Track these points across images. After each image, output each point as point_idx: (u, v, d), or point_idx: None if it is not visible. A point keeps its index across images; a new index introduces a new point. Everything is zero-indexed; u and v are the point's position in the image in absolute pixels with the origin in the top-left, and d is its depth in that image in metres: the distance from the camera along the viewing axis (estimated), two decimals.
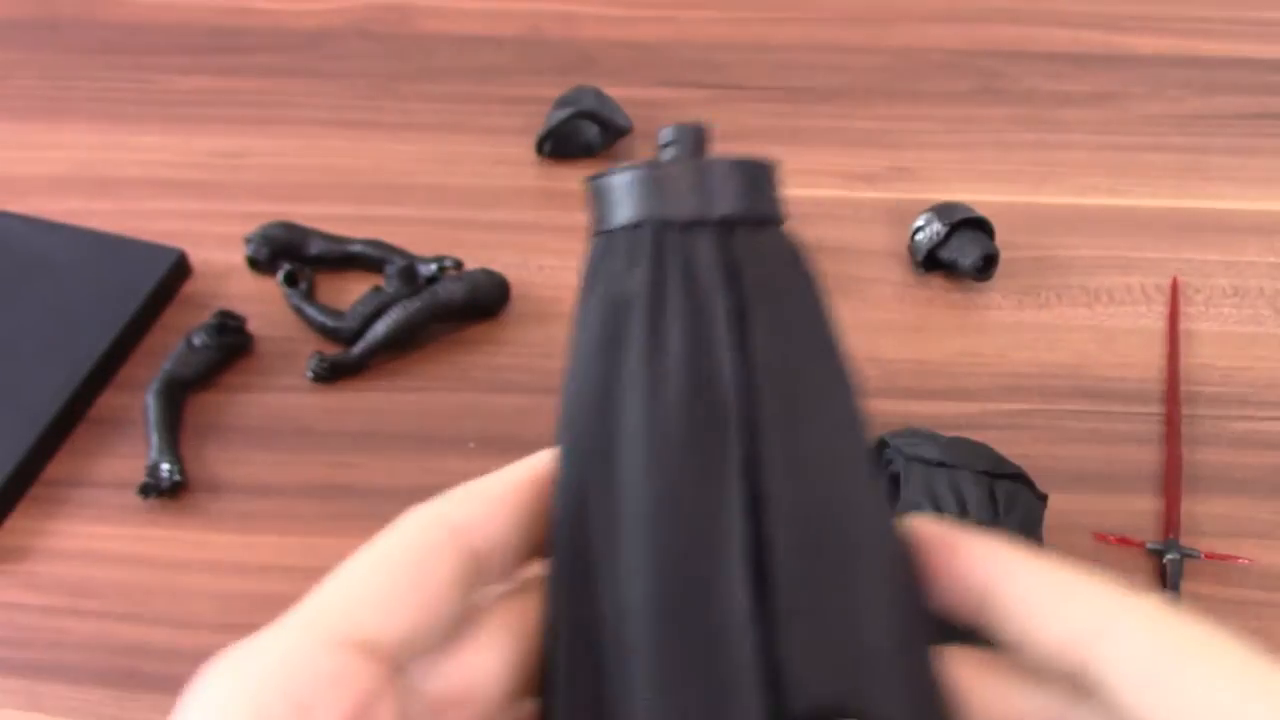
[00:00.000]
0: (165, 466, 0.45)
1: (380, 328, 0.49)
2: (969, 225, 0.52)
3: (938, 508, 0.37)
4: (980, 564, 0.21)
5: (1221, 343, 0.51)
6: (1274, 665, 0.20)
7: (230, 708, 0.19)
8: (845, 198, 0.58)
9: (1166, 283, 0.53)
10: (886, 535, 0.20)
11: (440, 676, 0.21)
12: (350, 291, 0.52)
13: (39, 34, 0.69)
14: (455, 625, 0.21)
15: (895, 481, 0.40)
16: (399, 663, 0.20)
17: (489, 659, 0.21)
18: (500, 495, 0.22)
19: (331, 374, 0.49)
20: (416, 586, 0.20)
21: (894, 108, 0.63)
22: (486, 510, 0.22)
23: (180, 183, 0.59)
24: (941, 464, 0.39)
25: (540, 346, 0.51)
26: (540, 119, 0.60)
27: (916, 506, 0.38)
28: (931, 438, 0.40)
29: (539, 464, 0.22)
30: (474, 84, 0.65)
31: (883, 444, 0.41)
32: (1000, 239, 0.53)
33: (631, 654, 0.19)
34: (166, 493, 0.44)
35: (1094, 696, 0.20)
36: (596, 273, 0.23)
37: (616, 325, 0.21)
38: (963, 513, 0.37)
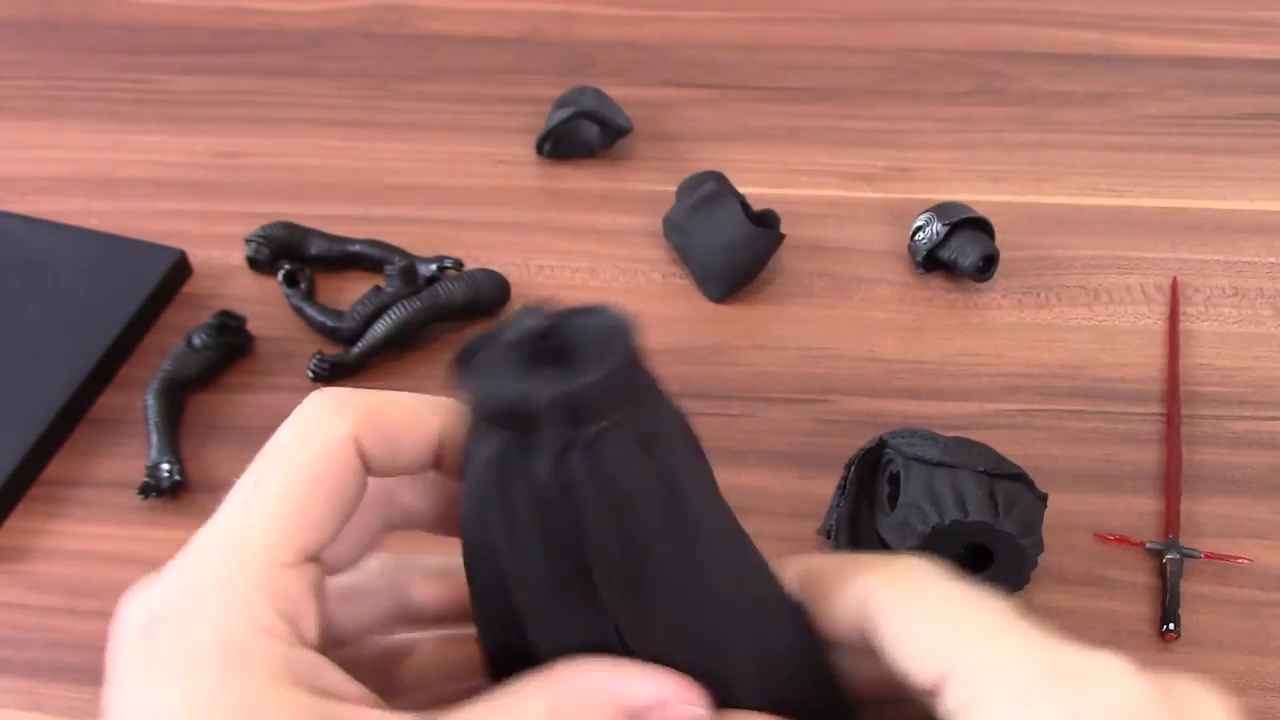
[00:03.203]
0: (165, 466, 0.45)
1: (380, 328, 0.49)
2: (969, 225, 0.52)
3: (938, 507, 0.37)
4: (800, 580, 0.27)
5: (1221, 343, 0.51)
6: (980, 609, 0.25)
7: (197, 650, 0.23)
8: (845, 198, 0.58)
9: (1166, 283, 0.53)
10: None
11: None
12: (350, 291, 0.53)
13: (39, 34, 0.69)
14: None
15: (895, 481, 0.40)
16: (318, 554, 0.25)
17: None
18: (387, 416, 0.26)
19: (331, 374, 0.49)
20: (344, 501, 0.25)
21: (894, 108, 0.63)
22: (386, 434, 0.26)
23: (180, 183, 0.59)
24: (941, 464, 0.39)
25: None
26: (540, 119, 0.60)
27: (916, 507, 0.38)
28: (931, 438, 0.40)
29: (415, 405, 0.27)
30: (474, 84, 0.65)
31: (882, 444, 0.41)
32: (1000, 239, 0.53)
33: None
34: (166, 493, 0.44)
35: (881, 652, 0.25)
36: (465, 451, 0.26)
37: (482, 509, 0.25)
38: (963, 512, 0.37)
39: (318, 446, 0.25)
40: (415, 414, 0.27)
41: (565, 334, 0.25)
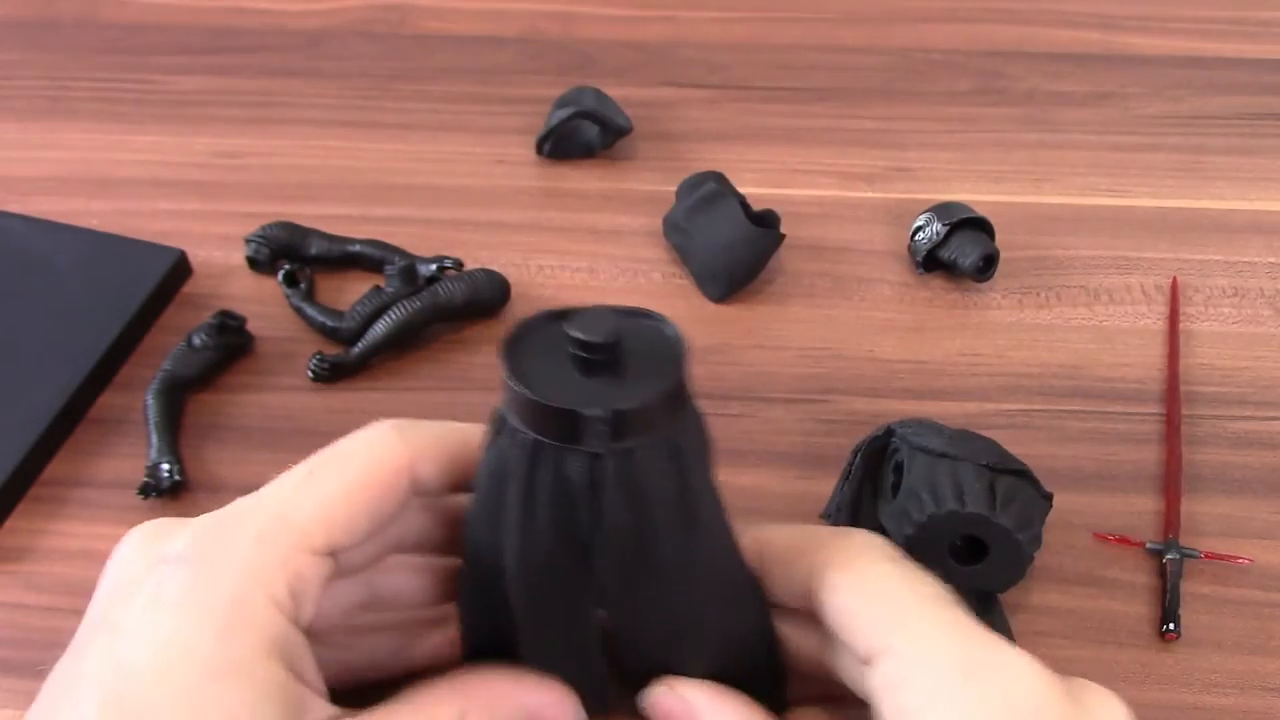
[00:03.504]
0: (165, 466, 0.45)
1: (380, 328, 0.49)
2: (969, 225, 0.52)
3: (935, 497, 0.38)
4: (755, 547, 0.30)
5: (1221, 343, 0.51)
6: (904, 581, 0.28)
7: (239, 602, 0.25)
8: (845, 198, 0.58)
9: (1166, 283, 0.53)
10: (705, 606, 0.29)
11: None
12: (350, 291, 0.53)
13: (39, 34, 0.69)
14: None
15: (900, 470, 0.40)
16: (340, 555, 0.28)
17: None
18: (462, 458, 0.29)
19: (331, 374, 0.49)
20: (379, 515, 0.28)
21: (894, 108, 0.63)
22: (445, 464, 0.29)
23: (180, 183, 0.59)
24: (945, 455, 0.39)
25: None
26: (540, 119, 0.60)
27: (915, 495, 0.38)
28: (938, 429, 0.40)
29: (469, 432, 0.29)
30: (474, 84, 0.65)
31: (889, 433, 0.42)
32: (1000, 239, 0.53)
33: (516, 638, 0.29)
34: (166, 493, 0.44)
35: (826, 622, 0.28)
36: (495, 426, 0.28)
37: (500, 485, 0.27)
38: (959, 504, 0.37)
39: (376, 464, 0.28)
40: (469, 441, 0.29)
41: (622, 342, 0.27)
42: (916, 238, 0.53)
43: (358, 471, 0.28)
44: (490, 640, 0.30)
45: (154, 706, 0.24)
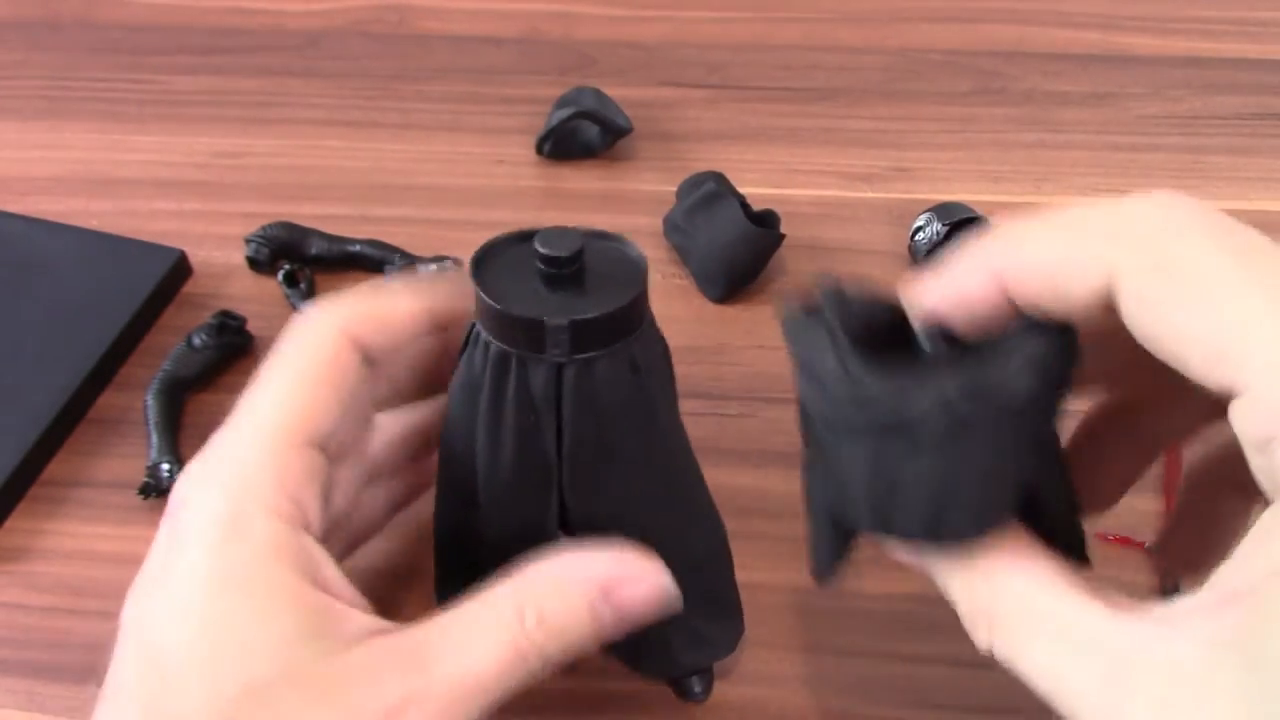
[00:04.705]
0: (165, 466, 0.45)
1: None
2: (969, 225, 0.52)
3: None
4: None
5: None
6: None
7: (230, 498, 0.26)
8: (845, 198, 0.58)
9: None
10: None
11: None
12: None
13: (39, 34, 0.69)
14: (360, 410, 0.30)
15: None
16: (324, 444, 0.28)
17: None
18: (396, 317, 0.30)
19: None
20: (337, 395, 0.28)
21: (894, 108, 0.63)
22: (382, 327, 0.29)
23: (180, 183, 0.59)
24: None
25: None
26: (540, 119, 0.60)
27: None
28: None
29: (435, 294, 0.30)
30: (474, 84, 0.65)
31: None
32: None
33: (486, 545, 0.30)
34: (166, 493, 0.44)
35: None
36: (468, 339, 0.29)
37: (472, 396, 0.28)
38: None
39: (313, 343, 0.29)
40: (401, 299, 0.30)
41: (585, 259, 0.28)
42: (916, 238, 0.53)
43: (302, 359, 0.28)
44: (462, 549, 0.31)
45: (169, 633, 0.25)
